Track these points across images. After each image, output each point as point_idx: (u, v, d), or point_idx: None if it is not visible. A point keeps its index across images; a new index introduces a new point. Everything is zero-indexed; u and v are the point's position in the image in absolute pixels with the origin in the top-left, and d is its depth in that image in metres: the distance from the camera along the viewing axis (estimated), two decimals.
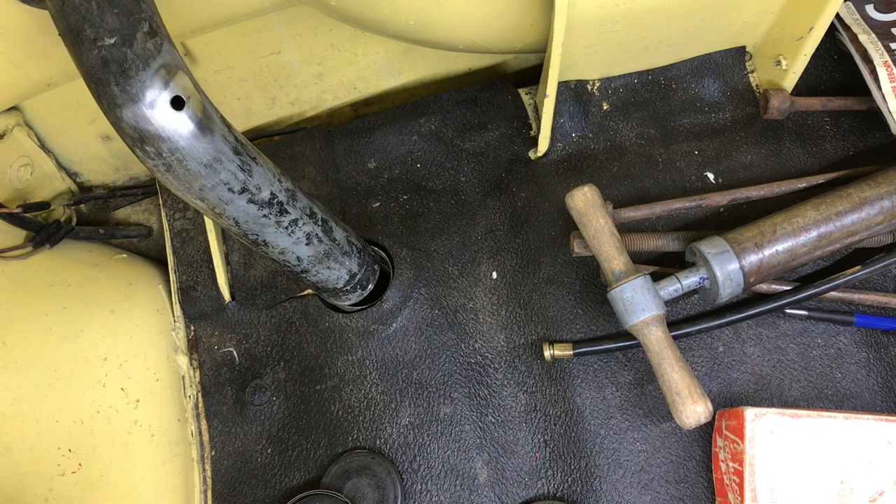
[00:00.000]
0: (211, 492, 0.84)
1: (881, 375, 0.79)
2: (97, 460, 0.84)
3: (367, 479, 0.80)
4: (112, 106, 0.49)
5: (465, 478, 0.80)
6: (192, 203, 0.56)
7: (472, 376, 0.83)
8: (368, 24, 0.81)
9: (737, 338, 0.81)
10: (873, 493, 0.68)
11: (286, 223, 0.62)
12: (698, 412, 0.68)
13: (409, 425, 0.82)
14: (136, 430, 0.86)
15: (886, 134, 0.82)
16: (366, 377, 0.84)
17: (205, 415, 0.86)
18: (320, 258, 0.67)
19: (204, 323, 0.89)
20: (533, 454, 0.80)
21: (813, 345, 0.80)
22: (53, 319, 0.86)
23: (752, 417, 0.69)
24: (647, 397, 0.80)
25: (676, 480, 0.78)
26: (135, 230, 1.01)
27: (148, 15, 0.50)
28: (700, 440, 0.79)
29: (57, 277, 0.89)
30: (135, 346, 0.89)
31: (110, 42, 0.47)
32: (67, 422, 0.83)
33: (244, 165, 0.56)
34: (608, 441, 0.79)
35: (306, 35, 0.94)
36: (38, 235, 0.89)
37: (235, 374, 0.87)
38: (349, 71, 1.00)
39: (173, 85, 0.49)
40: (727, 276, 0.73)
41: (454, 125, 0.95)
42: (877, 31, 0.84)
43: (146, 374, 0.88)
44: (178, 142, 0.50)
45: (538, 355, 0.83)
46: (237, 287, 0.90)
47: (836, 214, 0.75)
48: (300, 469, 0.82)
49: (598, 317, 0.83)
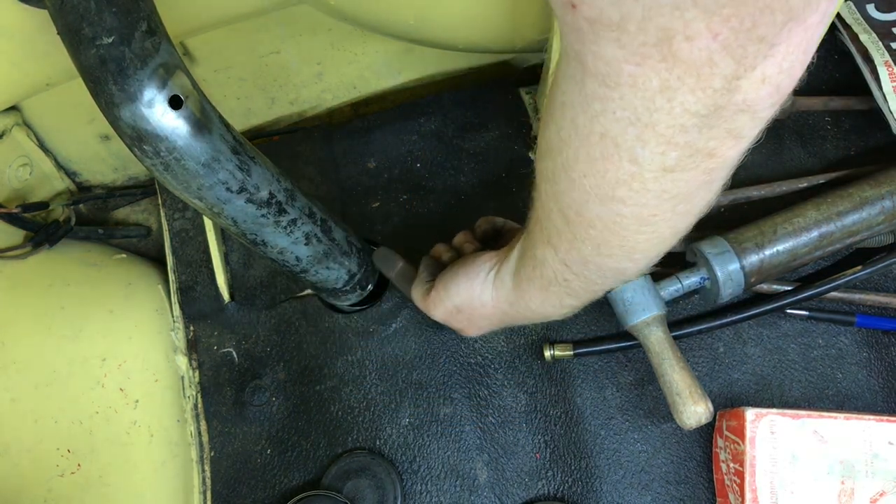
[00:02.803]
0: (210, 492, 0.83)
1: (882, 376, 0.79)
2: (96, 461, 0.83)
3: (366, 479, 0.80)
4: (110, 105, 0.48)
5: (466, 478, 0.80)
6: (191, 202, 0.56)
7: (472, 376, 0.83)
8: (368, 23, 0.81)
9: (737, 338, 0.81)
10: (874, 493, 0.68)
11: (285, 223, 0.61)
12: (699, 412, 0.67)
13: (408, 426, 0.82)
14: (136, 430, 0.86)
15: (887, 134, 0.82)
16: (365, 377, 0.84)
17: (204, 415, 0.86)
18: (319, 258, 0.67)
19: (203, 323, 0.89)
20: (533, 455, 0.80)
21: (814, 345, 0.80)
22: (52, 319, 0.86)
23: (752, 418, 0.69)
24: (648, 398, 0.80)
25: (677, 481, 0.78)
26: (134, 230, 1.01)
27: (146, 14, 0.50)
28: (701, 441, 0.78)
29: (56, 277, 0.89)
30: (134, 347, 0.89)
31: (108, 41, 0.47)
32: (66, 422, 0.83)
33: (243, 165, 0.55)
34: (609, 441, 0.79)
35: (306, 35, 0.94)
36: (37, 235, 0.89)
37: (235, 374, 0.87)
38: (349, 70, 1.00)
39: (171, 84, 0.49)
40: (728, 276, 0.73)
41: (454, 125, 0.95)
42: (878, 31, 0.84)
43: (145, 374, 0.88)
44: (176, 141, 0.50)
45: (538, 355, 0.82)
46: (237, 287, 0.90)
47: (837, 214, 0.75)
48: (300, 470, 0.82)
49: (598, 317, 0.83)
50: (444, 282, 0.63)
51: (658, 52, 0.30)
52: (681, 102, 0.32)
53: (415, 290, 0.68)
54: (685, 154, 0.35)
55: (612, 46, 0.31)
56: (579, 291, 0.51)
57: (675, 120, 0.33)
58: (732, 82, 0.31)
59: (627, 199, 0.39)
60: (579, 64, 0.34)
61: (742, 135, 0.36)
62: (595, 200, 0.40)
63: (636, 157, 0.36)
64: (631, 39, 0.30)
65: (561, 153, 0.40)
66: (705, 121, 0.33)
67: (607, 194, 0.39)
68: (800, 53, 0.32)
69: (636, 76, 0.31)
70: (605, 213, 0.41)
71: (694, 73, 0.31)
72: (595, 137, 0.36)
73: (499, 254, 0.59)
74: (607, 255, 0.45)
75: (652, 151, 0.35)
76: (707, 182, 0.39)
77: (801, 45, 0.31)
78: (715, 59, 0.30)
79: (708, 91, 0.32)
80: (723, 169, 0.38)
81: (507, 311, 0.59)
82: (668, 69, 0.31)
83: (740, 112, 0.33)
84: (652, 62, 0.30)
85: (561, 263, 0.48)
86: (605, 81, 0.33)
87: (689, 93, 0.32)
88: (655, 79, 0.31)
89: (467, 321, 0.64)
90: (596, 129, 0.36)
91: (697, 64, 0.30)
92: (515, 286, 0.56)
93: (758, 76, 0.32)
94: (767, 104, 0.34)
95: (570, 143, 0.38)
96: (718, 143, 0.35)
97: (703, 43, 0.29)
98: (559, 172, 0.41)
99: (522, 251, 0.54)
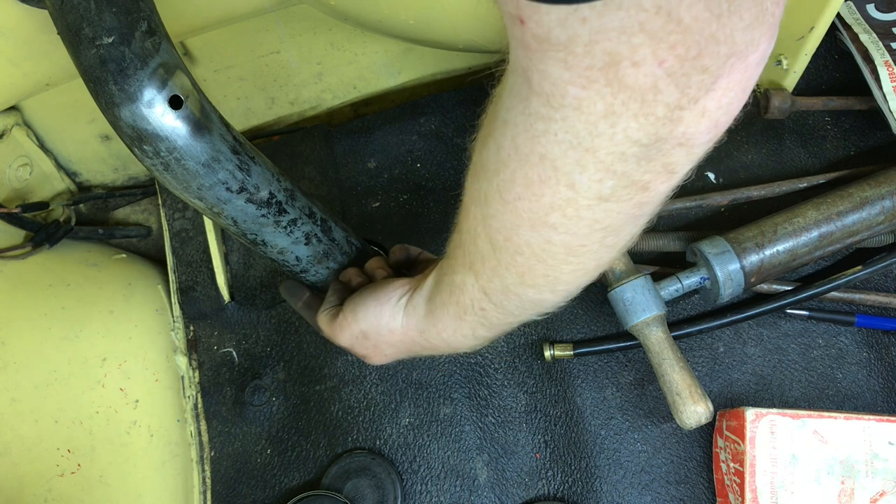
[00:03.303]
0: (210, 492, 0.83)
1: (882, 376, 0.79)
2: (96, 461, 0.83)
3: (366, 479, 0.80)
4: (110, 105, 0.48)
5: (466, 478, 0.80)
6: (191, 202, 0.56)
7: (472, 376, 0.83)
8: (368, 23, 0.81)
9: (737, 338, 0.81)
10: (874, 493, 0.68)
11: (285, 223, 0.61)
12: (699, 412, 0.68)
13: (408, 426, 0.82)
14: (136, 430, 0.86)
15: (887, 133, 0.82)
16: (365, 377, 0.84)
17: (204, 415, 0.86)
18: (319, 258, 0.67)
19: (203, 323, 0.89)
20: (533, 455, 0.80)
21: (814, 345, 0.80)
22: (52, 319, 0.86)
23: (752, 418, 0.69)
24: (648, 398, 0.80)
25: (677, 481, 0.78)
26: (134, 230, 1.01)
27: (146, 14, 0.50)
28: (701, 441, 0.79)
29: (56, 277, 0.89)
30: (134, 347, 0.89)
31: (108, 41, 0.47)
32: (66, 422, 0.83)
33: (242, 165, 0.55)
34: (609, 441, 0.79)
35: (306, 34, 0.94)
36: (37, 235, 0.89)
37: (235, 374, 0.87)
38: (349, 70, 1.00)
39: (171, 84, 0.49)
40: (728, 276, 0.73)
41: (454, 125, 0.95)
42: (878, 31, 0.84)
43: (145, 374, 0.88)
44: (175, 141, 0.50)
45: (538, 355, 0.82)
46: (237, 287, 0.90)
47: (836, 214, 0.75)
48: (300, 470, 0.82)
49: (599, 317, 0.83)
50: (352, 305, 0.60)
51: (604, 77, 0.30)
52: (623, 129, 0.32)
53: (321, 314, 0.64)
54: (621, 184, 0.36)
55: (558, 67, 0.31)
56: (493, 322, 0.50)
57: (616, 147, 0.33)
58: (675, 112, 0.32)
59: (560, 225, 0.39)
60: (525, 81, 0.33)
61: (676, 170, 0.36)
62: (527, 225, 0.40)
63: (574, 182, 0.36)
64: (577, 62, 0.30)
65: (498, 174, 0.39)
66: (645, 151, 0.34)
67: (540, 219, 0.39)
68: (739, 91, 0.33)
69: (581, 99, 0.31)
70: (534, 240, 0.40)
71: (638, 99, 0.31)
72: (535, 158, 0.36)
73: (412, 280, 0.58)
74: (531, 285, 0.44)
75: (590, 178, 0.35)
76: (636, 216, 0.39)
77: (740, 83, 0.32)
78: (660, 86, 0.30)
79: (651, 118, 0.32)
80: (652, 204, 0.39)
81: (416, 339, 0.57)
82: (613, 94, 0.31)
83: (679, 146, 0.34)
84: (597, 86, 0.31)
85: (480, 291, 0.47)
86: (550, 101, 0.33)
87: (632, 118, 0.32)
88: (600, 103, 0.31)
89: (373, 348, 0.60)
90: (537, 149, 0.36)
91: (642, 90, 0.30)
92: (428, 313, 0.54)
93: (699, 109, 0.32)
94: (705, 139, 0.34)
95: (508, 164, 0.38)
96: (653, 176, 0.36)
97: (648, 69, 0.29)
98: (492, 195, 0.41)
99: (439, 277, 0.52)
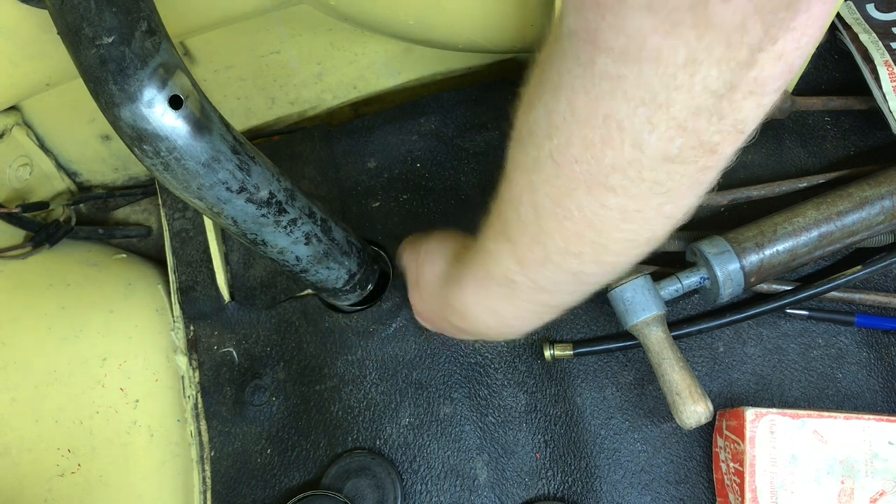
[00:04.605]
0: (210, 492, 0.83)
1: (882, 375, 0.79)
2: (96, 461, 0.83)
3: (366, 479, 0.80)
4: (110, 105, 0.48)
5: (466, 478, 0.80)
6: (191, 202, 0.56)
7: (472, 376, 0.83)
8: (368, 23, 0.81)
9: (737, 338, 0.81)
10: (874, 493, 0.68)
11: (285, 223, 0.61)
12: (699, 412, 0.68)
13: (408, 426, 0.82)
14: (136, 430, 0.86)
15: (887, 133, 0.82)
16: (365, 377, 0.84)
17: (204, 415, 0.86)
18: (319, 258, 0.67)
19: (203, 323, 0.89)
20: (533, 454, 0.80)
21: (814, 345, 0.80)
22: (52, 319, 0.86)
23: (752, 417, 0.69)
24: (648, 397, 0.80)
25: (677, 481, 0.78)
26: (134, 230, 1.01)
27: (146, 14, 0.50)
28: (700, 441, 0.79)
29: (56, 277, 0.89)
30: (134, 347, 0.89)
31: (108, 41, 0.47)
32: (67, 422, 0.83)
33: (242, 165, 0.55)
34: (608, 441, 0.79)
35: (306, 34, 0.94)
36: (38, 235, 0.89)
37: (235, 374, 0.87)
38: (349, 70, 1.00)
39: (171, 84, 0.49)
40: (728, 275, 0.73)
41: (454, 125, 0.95)
42: (877, 31, 0.84)
43: (145, 374, 0.88)
44: (175, 141, 0.50)
45: (538, 355, 0.82)
46: (237, 287, 0.90)
47: (836, 214, 0.75)
48: (300, 469, 0.82)
49: (598, 317, 0.83)
50: (428, 238, 0.66)
51: (691, 17, 0.29)
52: (703, 78, 0.32)
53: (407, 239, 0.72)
54: (689, 144, 0.35)
55: (639, 15, 0.30)
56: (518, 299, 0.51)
57: (692, 100, 0.33)
58: (755, 55, 0.31)
59: (619, 188, 0.37)
60: (587, 43, 0.33)
61: (744, 128, 0.36)
62: (583, 188, 0.38)
63: (641, 142, 0.34)
64: (663, 4, 0.29)
65: (551, 139, 0.38)
66: (717, 105, 0.33)
67: (599, 182, 0.37)
68: (816, 28, 0.32)
69: (661, 48, 0.30)
70: (588, 204, 0.39)
71: (723, 42, 0.30)
72: (597, 120, 0.35)
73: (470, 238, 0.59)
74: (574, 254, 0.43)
75: (659, 137, 0.34)
76: (698, 182, 0.39)
77: (819, 19, 0.32)
78: (747, 25, 0.30)
79: (731, 64, 0.31)
80: (716, 169, 0.38)
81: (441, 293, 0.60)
82: (699, 37, 0.30)
83: (749, 94, 0.33)
84: (682, 29, 0.30)
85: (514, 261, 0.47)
86: (623, 57, 0.32)
87: (713, 65, 0.31)
88: (683, 49, 0.30)
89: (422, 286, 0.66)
90: (600, 110, 0.34)
91: (729, 30, 0.30)
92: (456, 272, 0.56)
93: (777, 51, 0.32)
94: (776, 86, 0.34)
95: (563, 127, 0.37)
96: (722, 137, 0.35)
97: (738, 4, 0.29)
98: (544, 160, 0.39)
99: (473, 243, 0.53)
